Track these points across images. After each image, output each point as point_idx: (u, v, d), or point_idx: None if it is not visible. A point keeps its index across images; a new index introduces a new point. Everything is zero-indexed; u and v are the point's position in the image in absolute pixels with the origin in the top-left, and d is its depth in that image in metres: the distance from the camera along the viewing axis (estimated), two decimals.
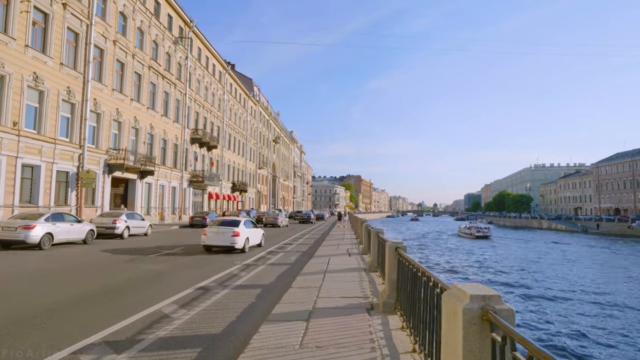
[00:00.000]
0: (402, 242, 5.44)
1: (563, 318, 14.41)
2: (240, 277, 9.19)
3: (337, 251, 13.72)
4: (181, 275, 9.22)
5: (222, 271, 9.89)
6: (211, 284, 8.30)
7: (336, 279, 8.11)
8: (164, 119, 30.29)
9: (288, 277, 9.14)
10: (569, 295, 18.05)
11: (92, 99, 21.80)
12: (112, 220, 17.34)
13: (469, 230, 53.34)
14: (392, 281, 5.47)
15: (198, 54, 37.38)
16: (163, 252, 13.38)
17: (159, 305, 6.30)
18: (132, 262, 11.19)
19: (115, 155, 23.68)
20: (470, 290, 2.09)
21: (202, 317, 5.74)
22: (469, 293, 2.04)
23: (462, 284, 2.26)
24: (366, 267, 9.43)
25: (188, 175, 34.90)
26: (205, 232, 13.59)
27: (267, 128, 67.80)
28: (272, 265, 11.24)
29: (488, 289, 2.11)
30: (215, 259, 12.14)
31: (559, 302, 16.78)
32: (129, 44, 25.41)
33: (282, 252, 14.81)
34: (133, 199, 26.55)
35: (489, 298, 2.01)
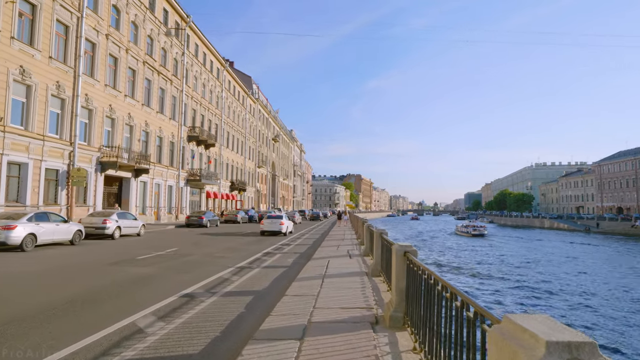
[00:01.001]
0: (411, 245, 4.70)
1: None
2: (232, 282, 8.44)
3: (337, 253, 12.98)
4: (168, 280, 8.48)
5: (213, 275, 9.15)
6: (198, 290, 7.55)
7: (336, 285, 7.35)
8: (159, 116, 29.53)
9: (283, 282, 8.40)
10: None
11: (84, 94, 21.04)
12: (102, 220, 16.59)
13: (465, 228, 55.20)
14: (399, 290, 4.73)
15: (195, 50, 36.59)
16: (153, 254, 12.65)
17: (135, 317, 5.56)
18: (117, 264, 10.45)
19: (108, 152, 22.93)
20: (543, 330, 1.31)
21: (180, 332, 4.99)
22: (542, 338, 1.26)
23: (522, 316, 1.48)
24: (368, 271, 8.69)
25: (185, 174, 34.15)
26: (263, 222, 21.95)
27: (267, 126, 67.01)
28: (267, 269, 10.49)
29: (571, 331, 1.33)
30: (208, 262, 11.40)
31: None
32: (123, 38, 24.64)
33: (279, 253, 14.07)
34: (127, 198, 25.81)
35: (578, 347, 1.24)
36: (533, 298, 17.26)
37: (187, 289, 7.59)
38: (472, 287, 19.10)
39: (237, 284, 8.26)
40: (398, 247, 4.75)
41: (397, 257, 4.76)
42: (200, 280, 8.47)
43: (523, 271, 24.54)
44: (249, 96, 55.85)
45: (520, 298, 17.18)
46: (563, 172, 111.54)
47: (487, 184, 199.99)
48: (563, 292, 18.64)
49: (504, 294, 17.79)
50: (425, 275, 3.84)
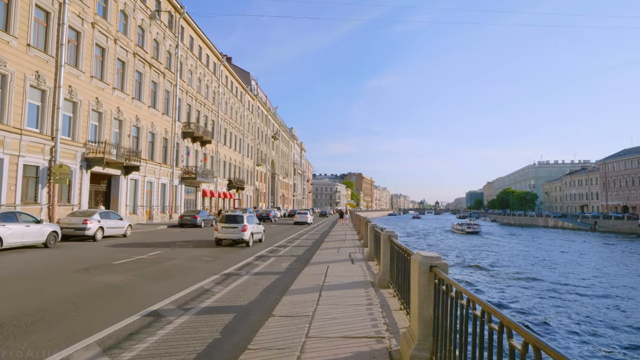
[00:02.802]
0: (439, 256, 3.37)
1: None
2: (212, 295, 7.12)
3: (338, 256, 11.65)
4: (138, 292, 7.17)
5: (192, 285, 7.84)
6: (169, 306, 6.23)
7: (335, 301, 6.02)
8: (151, 110, 28.19)
9: (273, 295, 7.07)
10: None
11: (67, 85, 19.71)
12: (82, 221, 15.26)
13: (460, 226, 60.61)
14: (424, 320, 3.40)
15: (190, 43, 35.23)
16: (133, 258, 11.35)
17: (72, 349, 4.24)
18: (87, 271, 9.14)
19: (94, 148, 21.60)
20: None
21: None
22: None
23: None
24: (374, 281, 7.36)
25: (179, 172, 32.82)
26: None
27: (266, 124, 65.65)
28: (258, 276, 9.17)
29: None
30: (192, 267, 10.08)
31: None
32: (111, 28, 23.28)
33: (274, 256, 12.75)
34: (117, 196, 24.49)
35: None
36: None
37: (156, 304, 6.27)
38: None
39: (218, 297, 6.93)
40: (421, 260, 3.41)
41: (420, 274, 3.42)
42: (176, 291, 7.16)
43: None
44: (247, 92, 54.47)
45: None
46: (567, 171, 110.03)
47: (489, 182, 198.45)
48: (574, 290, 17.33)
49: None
50: (464, 301, 2.56)
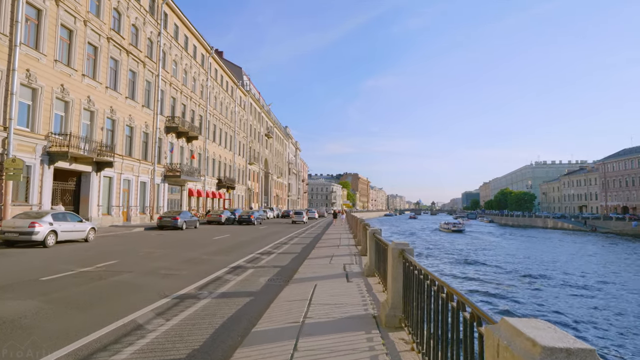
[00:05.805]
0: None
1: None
2: (141, 338, 4.81)
3: (330, 269, 9.43)
4: (34, 331, 4.90)
5: (124, 316, 5.57)
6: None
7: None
8: (129, 102, 25.81)
9: (229, 340, 4.82)
10: None
11: (24, 69, 17.34)
12: (28, 224, 12.93)
13: (447, 225, 66.49)
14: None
15: (175, 31, 32.87)
16: (73, 271, 9.06)
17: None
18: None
19: (58, 141, 19.22)
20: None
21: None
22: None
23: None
24: (378, 315, 5.08)
25: (162, 169, 30.46)
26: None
27: (259, 121, 63.28)
28: (220, 300, 6.90)
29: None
30: (141, 286, 7.82)
31: None
32: (80, 8, 20.91)
33: (253, 268, 10.49)
34: (87, 195, 22.10)
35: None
36: None
37: (51, 354, 4.02)
38: None
39: (147, 342, 4.64)
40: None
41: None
42: (88, 332, 4.88)
43: None
44: (239, 88, 52.10)
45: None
46: (564, 171, 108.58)
47: (486, 183, 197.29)
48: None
49: None
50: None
